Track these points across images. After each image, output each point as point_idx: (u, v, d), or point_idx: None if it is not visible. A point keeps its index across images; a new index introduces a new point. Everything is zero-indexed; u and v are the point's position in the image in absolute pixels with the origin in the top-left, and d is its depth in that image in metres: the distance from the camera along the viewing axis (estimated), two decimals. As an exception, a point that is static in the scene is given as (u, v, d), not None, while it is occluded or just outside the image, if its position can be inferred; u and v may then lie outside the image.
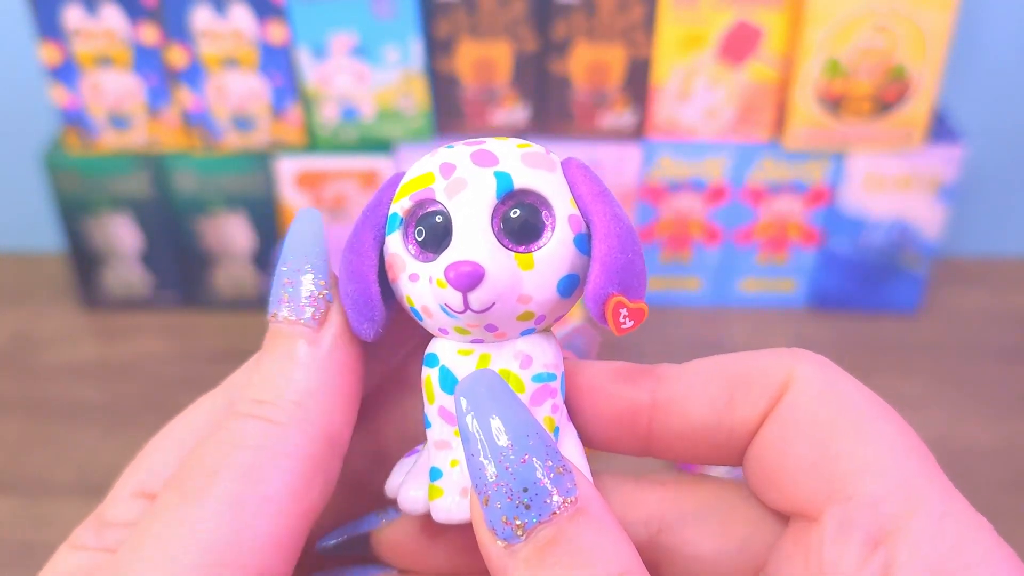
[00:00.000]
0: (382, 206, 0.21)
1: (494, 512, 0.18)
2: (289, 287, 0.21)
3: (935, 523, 0.17)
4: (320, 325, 0.20)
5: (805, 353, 0.20)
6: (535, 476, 0.18)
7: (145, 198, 0.67)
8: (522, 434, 0.18)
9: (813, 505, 0.19)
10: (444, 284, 0.19)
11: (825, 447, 0.19)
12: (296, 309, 0.20)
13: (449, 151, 0.21)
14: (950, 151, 0.64)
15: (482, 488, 0.18)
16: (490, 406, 0.18)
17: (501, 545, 0.18)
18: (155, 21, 0.61)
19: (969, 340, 0.69)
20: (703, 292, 0.72)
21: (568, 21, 0.61)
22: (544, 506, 0.17)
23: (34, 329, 0.71)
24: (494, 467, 0.18)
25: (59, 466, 0.59)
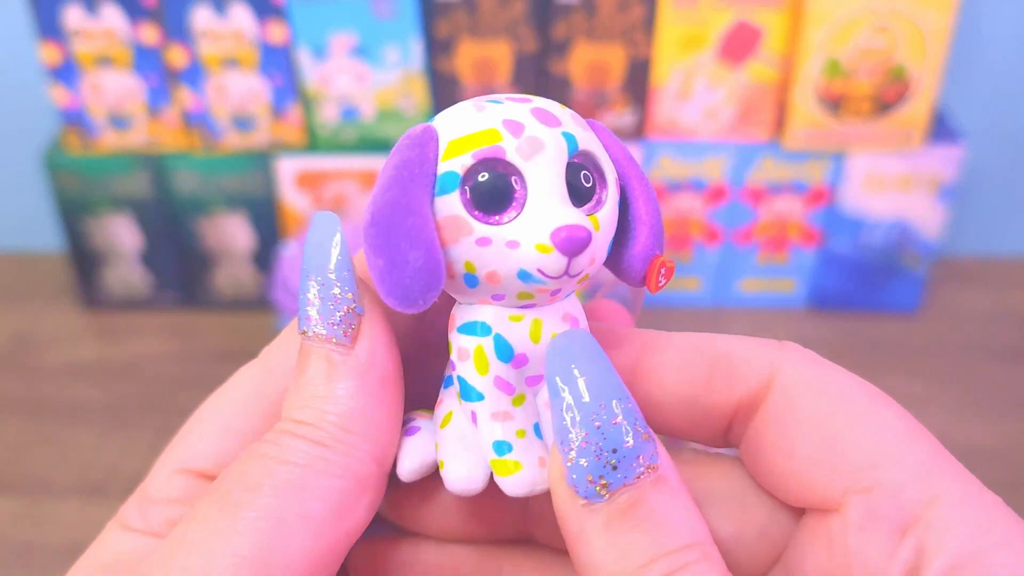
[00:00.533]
0: (429, 163, 0.19)
1: (579, 469, 0.18)
2: (317, 303, 0.20)
3: (958, 507, 0.17)
4: (353, 341, 0.20)
5: (792, 346, 0.21)
6: (625, 438, 0.18)
7: (145, 198, 0.67)
8: (615, 396, 0.18)
9: (830, 499, 0.19)
10: (548, 248, 0.18)
11: (834, 441, 0.19)
12: (328, 326, 0.20)
13: (502, 107, 0.19)
14: (950, 151, 0.64)
15: (569, 445, 0.18)
16: (586, 366, 0.18)
17: (580, 503, 0.18)
18: (155, 21, 0.61)
19: (969, 340, 0.69)
20: (703, 292, 0.72)
21: (568, 21, 0.61)
22: (630, 469, 0.18)
23: (34, 329, 0.71)
24: (585, 425, 0.18)
25: (59, 466, 0.59)
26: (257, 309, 0.71)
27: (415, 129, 0.19)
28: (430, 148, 0.19)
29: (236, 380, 0.22)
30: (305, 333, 0.20)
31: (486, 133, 0.19)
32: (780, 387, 0.20)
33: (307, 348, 0.20)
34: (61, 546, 0.54)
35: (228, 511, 0.18)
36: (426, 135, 0.19)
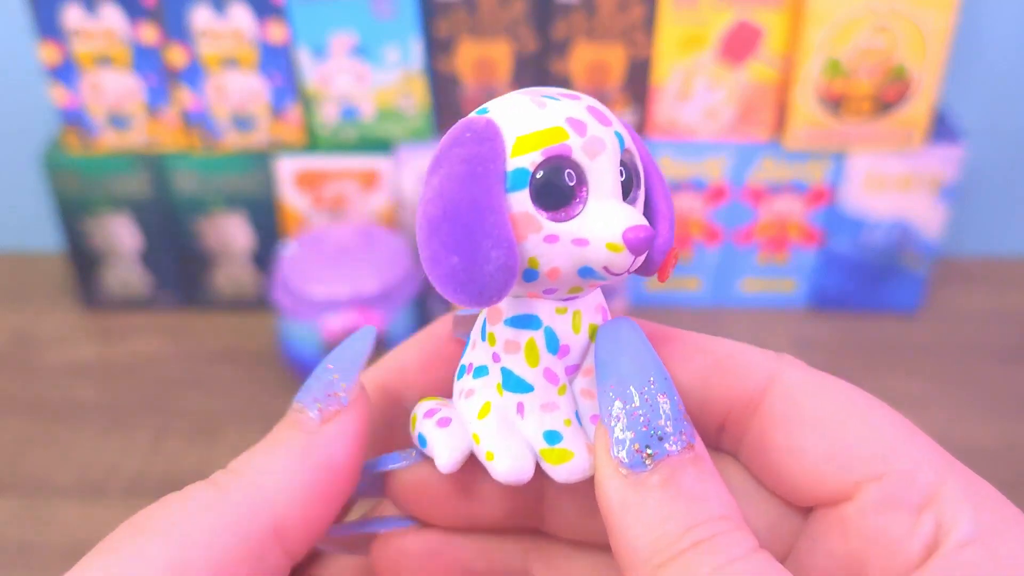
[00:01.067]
0: (499, 159, 0.19)
1: (626, 441, 0.19)
2: (313, 381, 0.21)
3: (967, 488, 0.19)
4: (323, 421, 0.21)
5: (789, 357, 0.22)
6: (670, 412, 0.19)
7: (145, 198, 0.67)
8: (659, 375, 0.19)
9: (842, 491, 0.20)
10: (620, 247, 0.19)
11: (841, 438, 0.20)
12: (308, 401, 0.21)
13: (561, 104, 0.20)
14: (950, 151, 0.64)
15: (617, 417, 0.19)
16: (633, 346, 0.20)
17: (624, 473, 0.19)
18: (155, 21, 0.61)
19: (969, 340, 0.69)
20: (703, 292, 0.72)
21: (568, 21, 0.61)
22: (675, 442, 0.19)
23: (34, 329, 0.71)
24: (637, 397, 0.19)
25: (59, 466, 0.59)
26: (257, 309, 0.71)
27: (476, 121, 0.19)
28: (498, 143, 0.19)
29: (186, 506, 0.21)
30: (294, 404, 0.21)
31: (554, 131, 0.19)
32: (780, 390, 0.21)
33: (286, 416, 0.21)
34: (61, 546, 0.54)
35: (137, 533, 0.19)
36: (490, 129, 0.19)
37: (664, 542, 0.18)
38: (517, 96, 0.20)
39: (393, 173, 0.66)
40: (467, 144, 0.19)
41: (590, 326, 0.21)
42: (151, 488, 0.57)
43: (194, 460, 0.59)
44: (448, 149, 0.19)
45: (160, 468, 0.59)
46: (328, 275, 0.61)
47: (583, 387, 0.21)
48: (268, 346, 0.68)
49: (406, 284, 0.62)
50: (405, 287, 0.62)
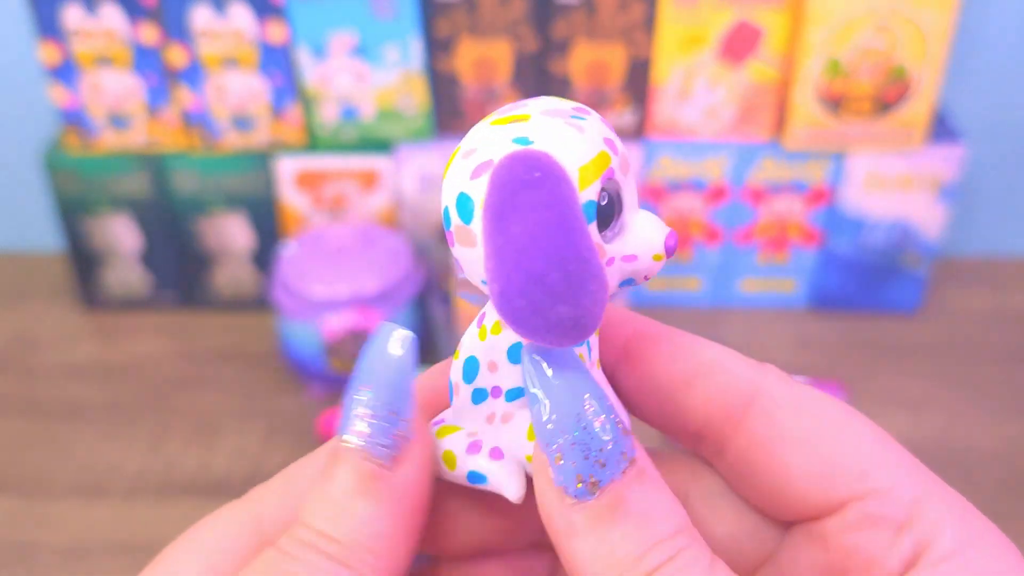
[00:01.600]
0: (577, 196, 0.18)
1: (567, 470, 0.18)
2: (371, 420, 0.19)
3: (940, 502, 0.19)
4: (396, 465, 0.19)
5: (773, 368, 0.21)
6: (609, 436, 0.18)
7: (145, 198, 0.67)
8: (595, 396, 0.19)
9: (823, 510, 0.20)
10: (662, 255, 0.19)
11: (823, 456, 0.20)
12: (375, 447, 0.19)
13: (590, 123, 0.19)
14: (950, 151, 0.64)
15: (555, 447, 0.18)
16: (562, 369, 0.19)
17: (569, 503, 0.18)
18: (155, 21, 0.61)
19: (970, 340, 0.69)
20: (703, 292, 0.72)
21: (568, 20, 0.61)
22: (616, 465, 0.18)
23: (34, 329, 0.71)
24: (571, 427, 0.18)
25: (58, 466, 0.59)
26: (256, 309, 0.71)
27: (536, 158, 0.18)
28: (572, 179, 0.18)
29: (216, 520, 0.21)
30: (348, 442, 0.19)
31: (601, 156, 0.19)
32: (763, 406, 0.21)
33: (346, 458, 0.19)
34: (61, 546, 0.54)
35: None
36: (559, 165, 0.18)
37: (622, 568, 0.18)
38: (550, 121, 0.19)
39: (393, 173, 0.66)
40: (544, 186, 0.18)
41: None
42: (151, 488, 0.57)
43: (194, 460, 0.59)
44: (519, 191, 0.18)
45: (160, 468, 0.59)
46: (328, 275, 0.61)
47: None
48: (268, 346, 0.68)
49: (406, 284, 0.62)
50: (405, 287, 0.62)
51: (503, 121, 0.19)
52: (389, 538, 0.19)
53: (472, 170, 0.19)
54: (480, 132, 0.19)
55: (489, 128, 0.19)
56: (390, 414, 0.19)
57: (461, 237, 0.19)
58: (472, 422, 0.21)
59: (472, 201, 0.18)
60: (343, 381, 0.63)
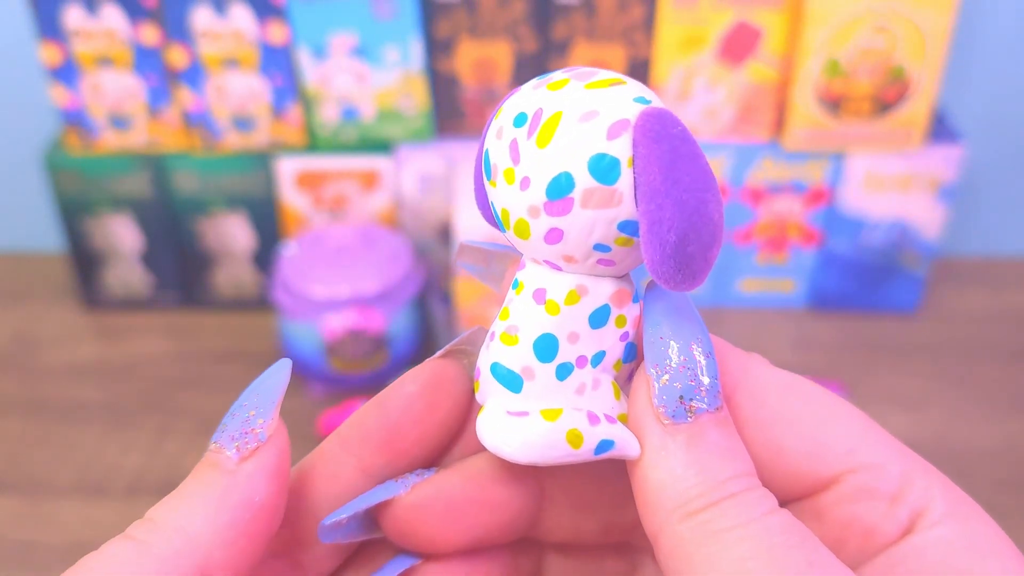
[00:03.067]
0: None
1: (672, 391, 0.20)
2: (229, 418, 0.21)
3: (932, 477, 0.20)
4: (241, 460, 0.20)
5: (758, 356, 0.22)
6: (712, 372, 0.20)
7: (145, 198, 0.67)
8: (706, 336, 0.20)
9: (818, 485, 0.21)
10: None
11: (814, 435, 0.21)
12: (225, 440, 0.21)
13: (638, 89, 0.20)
14: (950, 151, 0.64)
15: (664, 367, 0.20)
16: (686, 305, 0.21)
17: (666, 422, 0.20)
18: (155, 21, 0.62)
19: (969, 340, 0.69)
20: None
21: (568, 21, 0.61)
22: (714, 398, 0.20)
23: (34, 329, 0.71)
24: (684, 351, 0.20)
25: (59, 466, 0.59)
26: (257, 309, 0.71)
27: (671, 114, 0.19)
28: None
29: (106, 567, 0.20)
30: (211, 443, 0.21)
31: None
32: (748, 390, 0.21)
33: (204, 457, 0.21)
34: (61, 546, 0.54)
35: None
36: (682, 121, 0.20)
37: (696, 492, 0.19)
38: (640, 84, 0.20)
39: (393, 173, 0.66)
40: (690, 139, 0.19)
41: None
42: (151, 488, 0.57)
43: (194, 460, 0.59)
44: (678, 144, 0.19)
45: (160, 468, 0.59)
46: (328, 275, 0.61)
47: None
48: (268, 346, 0.68)
49: (406, 284, 0.62)
50: (405, 287, 0.62)
51: (601, 84, 0.19)
52: (203, 525, 0.19)
53: (607, 130, 0.19)
54: (576, 95, 0.19)
55: (588, 92, 0.19)
56: (249, 413, 0.21)
57: (595, 200, 0.19)
58: (565, 398, 0.21)
59: (616, 159, 0.19)
60: (344, 381, 0.63)
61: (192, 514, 0.20)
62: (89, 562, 0.19)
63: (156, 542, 0.19)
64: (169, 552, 0.19)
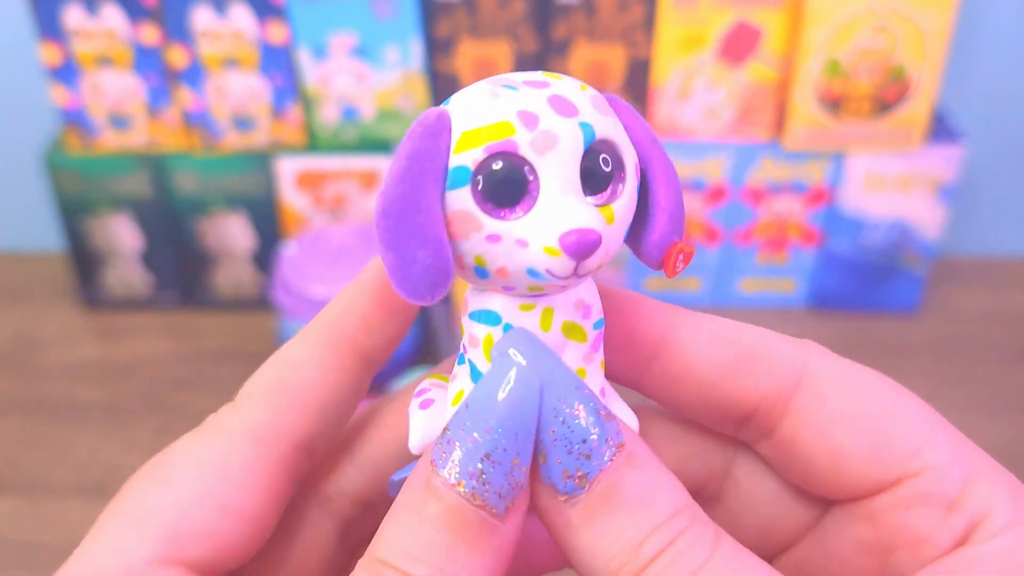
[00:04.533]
0: (440, 156, 0.18)
1: (553, 468, 0.18)
2: (489, 465, 0.17)
3: (993, 483, 0.19)
4: (507, 515, 0.18)
5: (814, 345, 0.21)
6: (591, 427, 0.18)
7: (145, 198, 0.67)
8: (571, 387, 0.18)
9: (878, 487, 0.20)
10: (556, 252, 0.18)
11: (875, 435, 0.20)
12: (492, 496, 0.17)
13: (517, 93, 0.19)
14: (950, 151, 0.64)
15: (538, 446, 0.18)
16: (537, 360, 0.18)
17: (561, 499, 0.18)
18: (155, 21, 0.62)
19: (969, 340, 0.69)
20: (703, 292, 0.72)
21: (568, 21, 0.61)
22: (602, 454, 0.18)
23: (34, 329, 0.71)
24: (550, 423, 0.18)
25: (59, 466, 0.59)
26: (257, 309, 0.71)
27: (429, 115, 0.19)
28: (442, 139, 0.19)
29: (194, 448, 0.20)
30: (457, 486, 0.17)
31: (499, 126, 0.18)
32: (809, 387, 0.20)
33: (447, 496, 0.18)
34: (61, 546, 0.54)
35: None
36: (439, 123, 0.19)
37: (619, 561, 0.17)
38: (479, 86, 0.19)
39: (393, 173, 0.66)
40: (413, 140, 0.19)
41: (565, 324, 0.20)
42: (151, 488, 0.57)
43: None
44: (401, 144, 0.19)
45: (160, 468, 0.59)
46: (328, 275, 0.61)
47: None
48: (268, 346, 0.68)
49: (406, 284, 0.62)
50: (405, 287, 0.62)
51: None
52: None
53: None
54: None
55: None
56: (512, 461, 0.18)
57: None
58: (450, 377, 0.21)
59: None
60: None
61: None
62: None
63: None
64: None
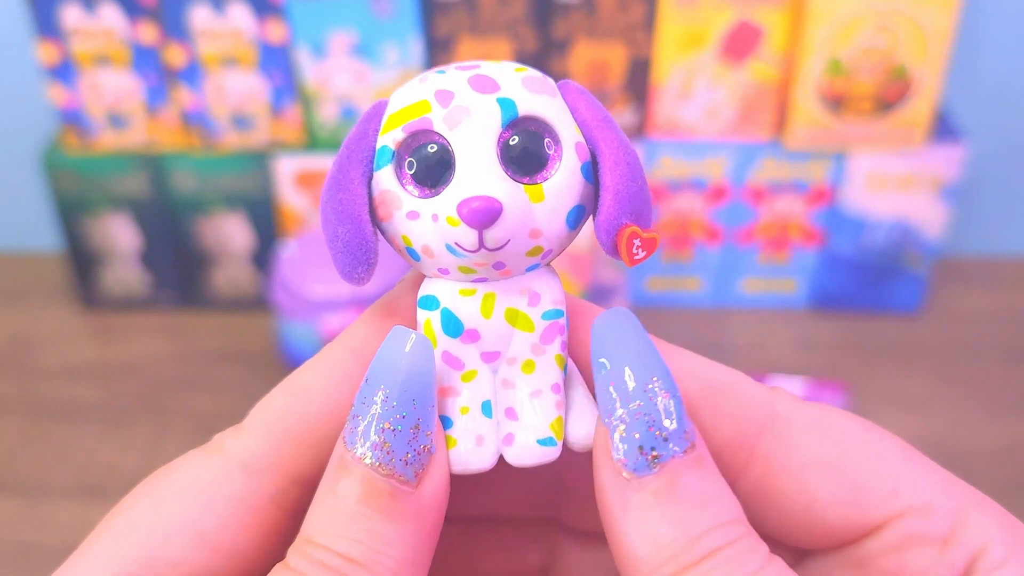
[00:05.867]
0: (368, 138, 0.19)
1: (630, 442, 0.18)
2: (392, 433, 0.18)
3: (987, 511, 0.19)
4: (419, 481, 0.18)
5: (784, 391, 0.20)
6: (674, 411, 0.18)
7: (144, 198, 0.67)
8: (664, 371, 0.18)
9: (856, 534, 0.19)
10: (456, 222, 0.18)
11: (850, 479, 0.19)
12: (399, 463, 0.18)
13: (441, 76, 0.19)
14: (952, 151, 0.64)
15: (620, 417, 0.18)
16: (635, 339, 0.18)
17: (627, 477, 0.18)
18: (154, 20, 0.61)
19: (971, 340, 0.69)
20: (704, 292, 0.71)
21: (568, 20, 0.61)
22: (680, 441, 0.18)
23: (32, 329, 0.71)
24: (637, 397, 0.18)
25: (57, 466, 0.59)
26: (256, 309, 0.71)
27: (371, 105, 0.20)
28: (373, 124, 0.19)
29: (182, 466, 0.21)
30: (363, 457, 0.18)
31: (417, 105, 0.19)
32: (778, 431, 0.20)
33: (358, 470, 0.18)
34: (59, 546, 0.54)
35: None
36: (375, 109, 0.19)
37: (672, 551, 0.17)
38: (420, 74, 0.20)
39: (393, 173, 0.66)
40: (353, 128, 0.20)
41: (508, 310, 0.20)
42: (150, 489, 0.57)
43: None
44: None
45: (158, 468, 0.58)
46: (327, 275, 0.61)
47: (504, 377, 0.20)
48: (267, 346, 0.68)
49: (406, 284, 0.62)
50: (405, 287, 0.62)
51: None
52: (413, 560, 0.18)
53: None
54: None
55: None
56: (413, 427, 0.18)
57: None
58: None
59: None
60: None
61: (397, 552, 0.18)
62: None
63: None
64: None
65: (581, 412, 0.20)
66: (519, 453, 0.19)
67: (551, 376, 0.20)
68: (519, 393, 0.20)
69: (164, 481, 0.21)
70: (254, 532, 0.20)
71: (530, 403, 0.20)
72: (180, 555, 0.19)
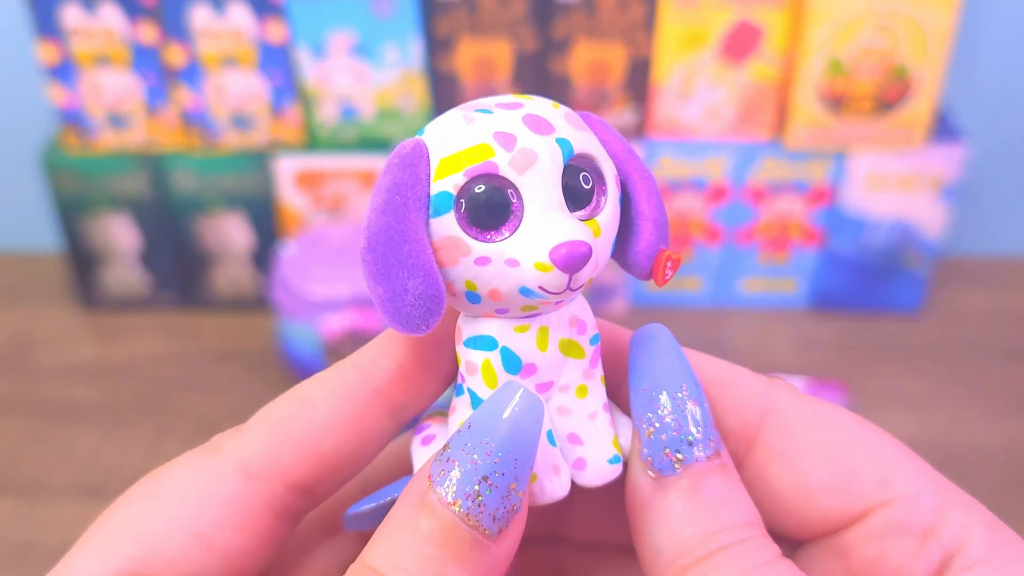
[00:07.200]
0: (420, 184, 0.18)
1: (657, 444, 0.19)
2: (486, 487, 0.18)
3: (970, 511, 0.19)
4: (501, 537, 0.18)
5: (782, 381, 0.21)
6: (702, 420, 0.19)
7: (144, 198, 0.67)
8: (693, 383, 0.20)
9: (844, 521, 0.20)
10: (548, 267, 0.18)
11: (843, 467, 0.20)
12: (487, 518, 0.18)
13: (493, 117, 0.19)
14: (952, 151, 0.64)
15: (650, 420, 0.19)
16: (669, 351, 0.20)
17: (653, 476, 0.19)
18: (154, 20, 0.61)
19: (971, 340, 0.69)
20: (704, 292, 0.71)
21: (568, 20, 0.61)
22: (703, 448, 0.19)
23: (32, 329, 0.71)
24: (669, 402, 0.19)
25: (57, 467, 0.59)
26: (256, 309, 0.71)
27: (405, 146, 0.19)
28: (421, 168, 0.19)
29: (179, 466, 0.21)
30: (450, 503, 0.18)
31: (477, 149, 0.18)
32: (776, 421, 0.21)
33: (441, 513, 0.18)
34: (59, 546, 0.54)
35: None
36: (416, 153, 0.19)
37: (689, 545, 0.18)
38: (452, 113, 0.19)
39: (393, 173, 0.66)
40: (391, 172, 0.19)
41: (561, 341, 0.20)
42: (150, 489, 0.57)
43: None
44: (380, 177, 0.19)
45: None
46: (327, 275, 0.61)
47: (560, 404, 0.20)
48: (267, 346, 0.68)
49: (406, 284, 0.62)
50: (405, 287, 0.62)
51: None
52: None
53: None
54: None
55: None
56: (509, 486, 0.18)
57: None
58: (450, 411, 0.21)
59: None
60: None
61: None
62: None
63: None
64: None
65: (622, 424, 0.21)
66: (594, 475, 0.20)
67: (601, 397, 0.21)
68: (577, 418, 0.21)
69: (161, 480, 0.21)
70: (249, 534, 0.20)
71: (591, 426, 0.21)
72: (175, 553, 0.19)
